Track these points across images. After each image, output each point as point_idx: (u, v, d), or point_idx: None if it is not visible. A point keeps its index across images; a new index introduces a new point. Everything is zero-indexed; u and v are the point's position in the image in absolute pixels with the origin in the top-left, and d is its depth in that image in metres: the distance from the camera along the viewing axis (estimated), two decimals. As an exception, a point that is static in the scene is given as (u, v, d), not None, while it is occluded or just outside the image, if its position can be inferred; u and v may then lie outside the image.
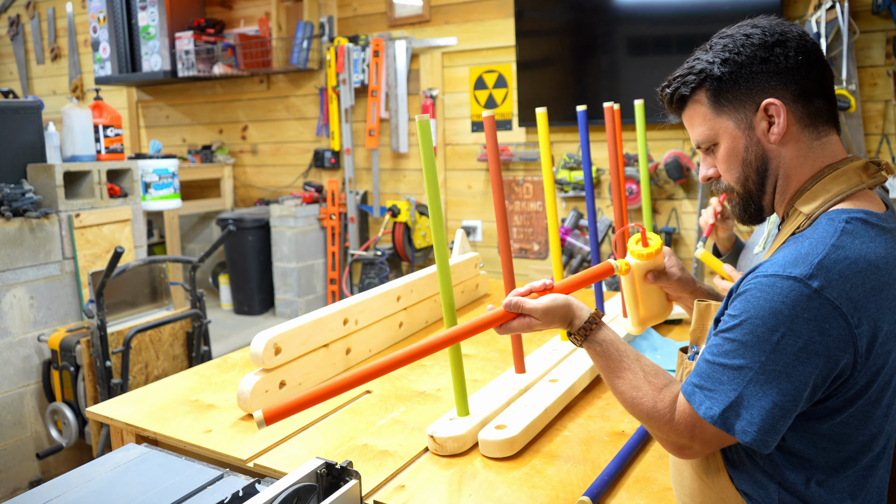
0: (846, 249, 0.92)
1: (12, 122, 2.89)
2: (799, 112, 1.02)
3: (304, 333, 1.62)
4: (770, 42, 1.01)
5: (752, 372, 0.92)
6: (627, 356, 1.08)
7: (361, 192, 4.53)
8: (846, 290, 0.90)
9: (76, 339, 2.75)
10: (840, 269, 0.91)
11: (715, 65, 1.03)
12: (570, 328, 1.14)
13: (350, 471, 1.14)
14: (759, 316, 0.92)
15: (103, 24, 4.78)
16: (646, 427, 1.05)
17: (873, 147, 3.15)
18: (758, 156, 1.04)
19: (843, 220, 0.96)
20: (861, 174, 1.01)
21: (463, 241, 2.41)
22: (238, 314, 4.57)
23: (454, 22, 4.10)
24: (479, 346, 1.94)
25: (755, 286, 0.94)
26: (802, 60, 1.01)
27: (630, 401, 1.05)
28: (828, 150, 1.03)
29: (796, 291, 0.90)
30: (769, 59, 1.01)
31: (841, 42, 2.99)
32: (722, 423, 0.93)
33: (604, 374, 1.10)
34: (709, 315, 1.14)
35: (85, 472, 1.27)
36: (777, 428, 0.92)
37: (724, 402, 0.93)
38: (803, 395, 0.91)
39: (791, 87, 1.01)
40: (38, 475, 2.87)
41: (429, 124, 1.33)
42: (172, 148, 5.30)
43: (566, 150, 3.83)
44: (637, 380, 1.05)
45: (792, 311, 0.90)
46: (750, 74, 1.02)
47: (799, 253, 0.93)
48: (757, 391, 0.92)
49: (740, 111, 1.03)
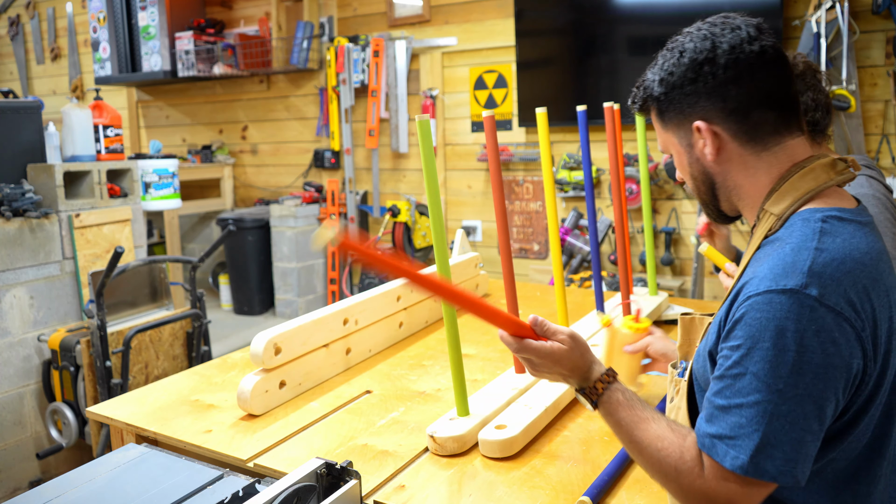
0: (830, 251, 0.89)
1: (12, 122, 2.89)
2: (733, 129, 0.99)
3: (304, 333, 1.62)
4: (699, 60, 0.98)
5: (771, 405, 0.84)
6: (649, 406, 1.00)
7: (361, 192, 4.53)
8: (842, 293, 0.86)
9: (76, 339, 2.75)
10: (831, 272, 0.87)
11: (654, 83, 1.03)
12: (590, 374, 1.06)
13: (350, 471, 1.14)
14: (764, 339, 0.85)
15: (103, 24, 4.78)
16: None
17: (873, 147, 3.15)
18: (701, 172, 1.04)
19: (818, 219, 0.92)
20: (829, 171, 0.98)
21: (463, 241, 2.41)
22: (238, 314, 4.57)
23: (454, 22, 4.10)
24: (479, 346, 1.94)
25: (751, 307, 0.88)
26: (732, 75, 0.96)
27: (655, 453, 0.94)
28: (783, 156, 0.99)
29: (797, 304, 0.85)
30: (697, 79, 0.98)
31: (841, 42, 2.99)
32: (755, 471, 0.84)
33: (624, 427, 0.99)
34: (693, 328, 1.12)
35: (85, 472, 1.27)
36: (810, 455, 0.86)
37: (750, 446, 0.85)
38: (828, 412, 0.86)
39: (718, 105, 0.98)
40: (38, 475, 2.87)
41: (429, 124, 1.33)
42: (172, 148, 5.30)
43: (566, 150, 3.83)
44: (661, 429, 0.95)
45: (798, 325, 0.84)
46: (682, 95, 1.00)
47: (785, 262, 0.88)
48: (783, 424, 0.84)
49: (680, 129, 1.04)
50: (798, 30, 3.17)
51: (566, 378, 1.08)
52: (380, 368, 1.79)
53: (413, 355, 1.88)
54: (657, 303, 2.09)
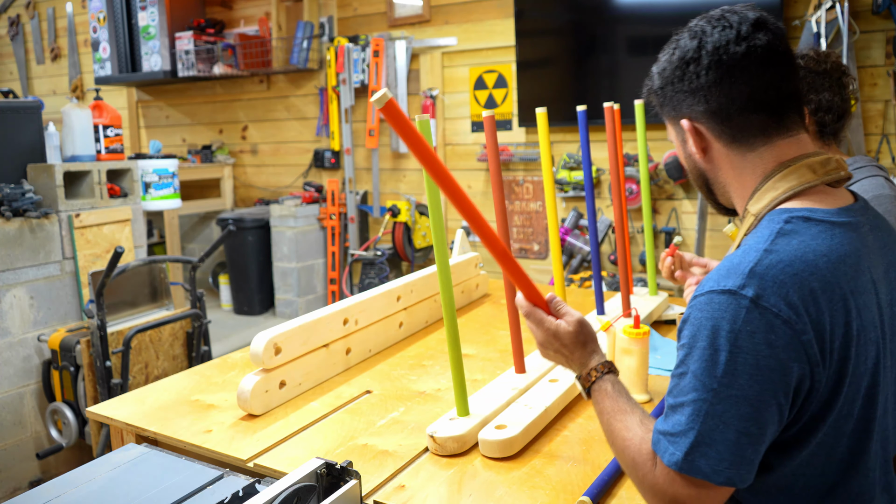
0: (779, 253, 0.87)
1: (12, 122, 2.89)
2: (717, 130, 0.99)
3: (304, 333, 1.62)
4: (687, 59, 0.99)
5: (706, 403, 0.85)
6: (634, 402, 1.02)
7: (361, 192, 4.53)
8: (783, 295, 0.84)
9: (76, 339, 2.75)
10: (774, 273, 0.86)
11: (655, 77, 1.06)
12: (589, 361, 1.08)
13: (350, 471, 1.14)
14: (701, 338, 0.86)
15: (103, 24, 4.78)
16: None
17: (873, 147, 3.15)
18: (694, 167, 1.07)
19: (782, 220, 0.92)
20: (817, 169, 0.96)
21: (463, 241, 2.41)
22: (238, 314, 4.57)
23: (454, 22, 4.10)
24: (479, 346, 1.94)
25: (694, 307, 0.89)
26: (714, 78, 0.96)
27: (620, 442, 0.97)
28: (769, 156, 0.98)
29: (734, 305, 0.85)
30: (683, 78, 1.00)
31: (841, 42, 2.99)
32: (688, 468, 0.85)
33: (606, 416, 1.02)
34: None
35: (85, 472, 1.27)
36: (748, 458, 0.85)
37: (686, 444, 0.85)
38: (766, 416, 0.85)
39: (702, 105, 0.98)
40: (38, 475, 2.87)
41: (429, 124, 1.33)
42: (172, 148, 5.30)
43: (566, 150, 3.83)
44: (632, 422, 0.97)
45: (732, 326, 0.84)
46: (673, 93, 1.02)
47: (731, 263, 0.89)
48: (717, 424, 0.84)
49: (674, 125, 1.06)
50: (798, 30, 3.17)
51: (568, 361, 1.11)
52: (380, 368, 1.79)
53: (413, 355, 1.88)
54: (657, 303, 2.09)
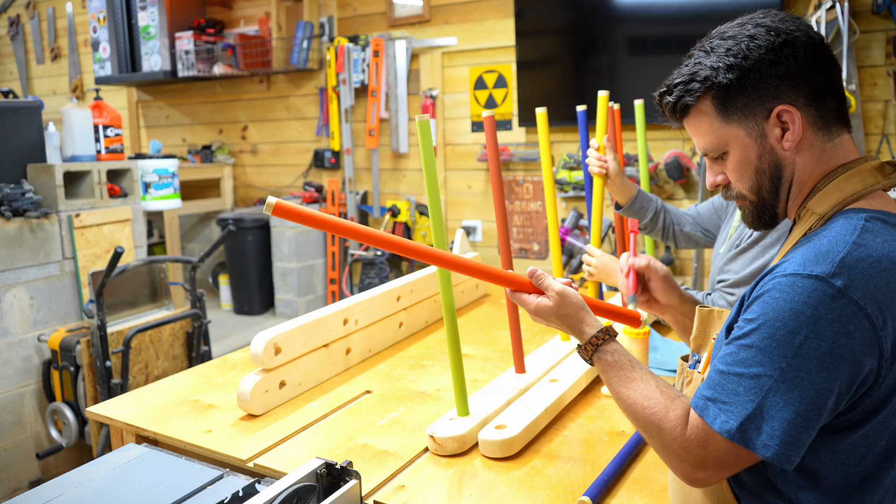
0: (868, 247, 0.87)
1: (12, 122, 2.89)
2: (812, 115, 0.96)
3: (304, 333, 1.62)
4: (777, 43, 0.94)
5: (771, 380, 0.85)
6: (640, 367, 1.03)
7: (361, 192, 4.53)
8: (870, 289, 0.85)
9: (76, 339, 2.75)
10: (863, 267, 0.86)
11: (720, 71, 0.96)
12: (581, 336, 1.09)
13: (350, 471, 1.14)
14: (778, 318, 0.86)
15: (103, 24, 4.78)
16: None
17: (873, 147, 3.15)
18: (772, 164, 0.99)
19: (861, 217, 0.91)
20: (876, 175, 0.96)
21: (463, 241, 2.41)
22: (238, 314, 4.57)
23: (454, 22, 4.10)
24: (479, 346, 1.94)
25: (773, 287, 0.88)
26: (812, 60, 0.94)
27: (641, 410, 0.97)
28: (840, 150, 0.98)
29: (819, 291, 0.85)
30: (778, 61, 0.94)
31: (841, 42, 2.99)
32: (740, 438, 0.86)
33: (613, 385, 1.03)
34: (711, 321, 1.10)
35: (85, 472, 1.27)
36: (800, 441, 0.86)
37: (742, 414, 0.86)
38: (827, 403, 0.85)
39: (803, 89, 0.95)
40: (38, 475, 2.87)
41: (429, 124, 1.33)
42: (172, 148, 5.30)
43: (566, 150, 3.83)
44: (649, 389, 0.98)
45: (814, 311, 0.84)
46: (759, 80, 0.95)
47: (819, 251, 0.88)
48: (777, 401, 0.85)
49: (751, 119, 0.97)
50: (798, 30, 3.17)
51: (565, 330, 1.13)
52: (380, 368, 1.79)
53: (413, 355, 1.88)
54: (657, 303, 2.09)
